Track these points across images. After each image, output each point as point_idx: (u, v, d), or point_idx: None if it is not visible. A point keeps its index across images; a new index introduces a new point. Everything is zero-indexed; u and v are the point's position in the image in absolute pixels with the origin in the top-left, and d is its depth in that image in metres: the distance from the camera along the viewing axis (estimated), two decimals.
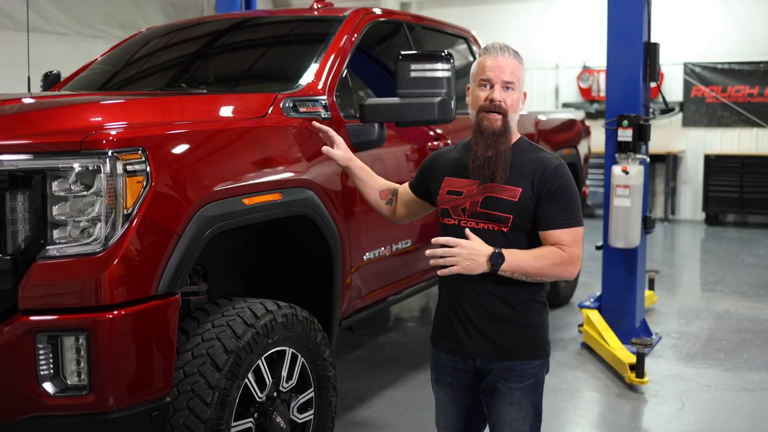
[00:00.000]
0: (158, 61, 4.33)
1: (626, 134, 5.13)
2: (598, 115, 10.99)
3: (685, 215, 11.44)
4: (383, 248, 3.87)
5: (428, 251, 2.38)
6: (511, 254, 2.35)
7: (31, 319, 2.35)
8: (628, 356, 4.73)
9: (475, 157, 2.44)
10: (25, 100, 2.84)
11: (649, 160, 5.39)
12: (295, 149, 3.17)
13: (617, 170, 5.14)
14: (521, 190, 2.41)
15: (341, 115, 3.55)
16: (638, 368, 4.56)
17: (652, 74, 5.17)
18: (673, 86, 11.22)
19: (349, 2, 10.79)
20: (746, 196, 10.68)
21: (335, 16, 4.08)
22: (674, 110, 11.19)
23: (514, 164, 2.44)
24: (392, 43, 4.56)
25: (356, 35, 3.93)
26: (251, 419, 2.81)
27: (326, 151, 2.91)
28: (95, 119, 2.66)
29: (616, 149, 5.21)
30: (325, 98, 3.51)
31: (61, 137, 2.43)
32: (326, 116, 3.43)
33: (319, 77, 3.59)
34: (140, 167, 2.45)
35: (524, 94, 2.54)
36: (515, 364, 2.46)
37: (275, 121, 3.17)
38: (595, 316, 5.32)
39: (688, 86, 11.23)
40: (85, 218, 2.39)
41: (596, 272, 5.41)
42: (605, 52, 5.24)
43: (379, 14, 4.27)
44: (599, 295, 5.51)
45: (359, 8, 4.16)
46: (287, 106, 3.26)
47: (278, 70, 3.97)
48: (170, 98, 3.22)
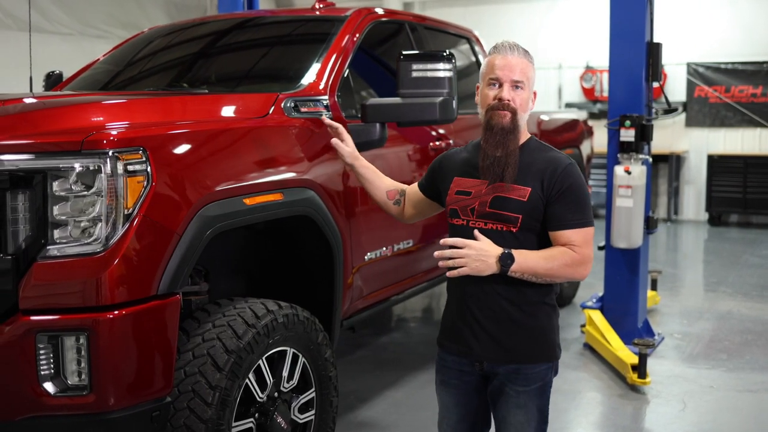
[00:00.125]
0: (160, 60, 4.33)
1: (629, 134, 5.11)
2: (601, 115, 10.95)
3: (688, 215, 11.42)
4: (385, 248, 3.87)
5: (437, 252, 2.36)
6: (520, 255, 2.33)
7: (31, 319, 2.35)
8: (630, 357, 4.73)
9: (485, 155, 2.42)
10: (26, 99, 2.84)
11: (651, 160, 5.38)
12: (296, 149, 3.17)
13: (620, 170, 5.13)
14: (530, 189, 2.38)
15: (343, 115, 3.54)
16: (640, 369, 4.55)
17: (654, 74, 5.17)
18: (676, 86, 11.20)
19: (351, 2, 10.80)
20: (749, 196, 10.65)
21: (337, 16, 4.08)
22: (677, 110, 11.13)
23: (523, 163, 2.42)
24: (394, 43, 4.56)
25: (358, 35, 3.93)
26: (252, 419, 2.81)
27: (335, 143, 2.91)
28: (96, 119, 2.66)
29: (618, 149, 5.19)
30: (326, 98, 3.51)
31: (61, 137, 2.43)
32: (328, 116, 3.42)
33: (320, 77, 3.59)
34: (141, 167, 2.45)
35: (534, 93, 2.51)
36: (522, 367, 2.44)
37: (277, 121, 3.17)
38: (597, 316, 5.31)
39: (691, 86, 11.21)
40: (85, 218, 2.39)
41: (598, 272, 5.39)
42: (608, 52, 5.23)
43: (381, 14, 4.26)
44: (601, 295, 5.50)
45: (361, 8, 4.16)
46: (289, 106, 3.26)
47: (280, 70, 3.96)
48: (171, 98, 3.22)
